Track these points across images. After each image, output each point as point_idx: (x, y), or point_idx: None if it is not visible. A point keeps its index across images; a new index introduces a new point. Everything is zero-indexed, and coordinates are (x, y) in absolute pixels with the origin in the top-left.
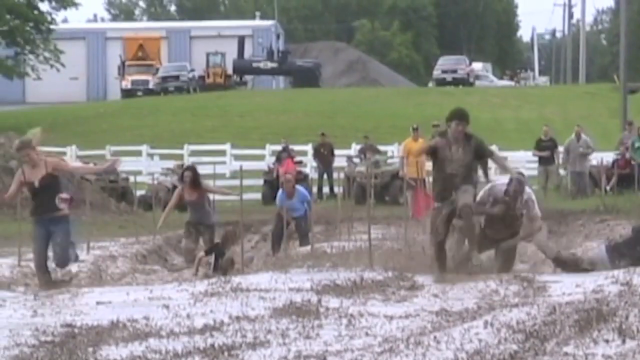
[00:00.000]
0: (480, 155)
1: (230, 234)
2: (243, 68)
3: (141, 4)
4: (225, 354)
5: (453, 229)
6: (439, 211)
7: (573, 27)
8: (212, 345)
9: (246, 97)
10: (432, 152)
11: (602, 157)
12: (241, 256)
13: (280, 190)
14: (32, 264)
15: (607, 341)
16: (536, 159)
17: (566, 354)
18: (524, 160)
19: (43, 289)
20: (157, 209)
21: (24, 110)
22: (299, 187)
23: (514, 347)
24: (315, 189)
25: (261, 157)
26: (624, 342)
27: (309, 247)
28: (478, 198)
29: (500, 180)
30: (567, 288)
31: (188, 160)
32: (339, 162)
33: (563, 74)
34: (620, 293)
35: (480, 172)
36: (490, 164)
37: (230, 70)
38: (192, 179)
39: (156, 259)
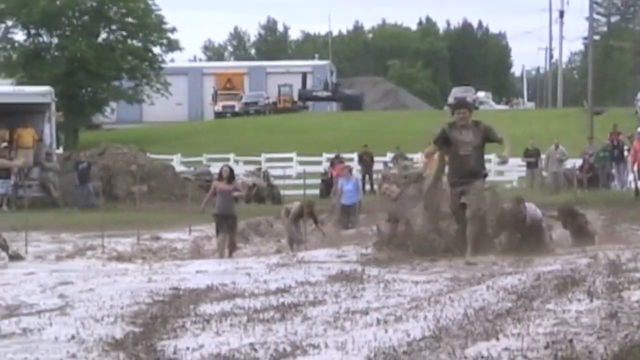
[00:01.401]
0: (490, 138)
1: (310, 204)
2: (305, 96)
3: (229, 47)
4: (293, 310)
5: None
6: (455, 200)
7: (553, 65)
8: (283, 303)
9: (307, 118)
10: (444, 140)
11: (575, 162)
12: (304, 235)
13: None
14: (148, 242)
15: (579, 300)
16: (525, 163)
17: (548, 309)
18: (516, 165)
19: None
20: (240, 201)
21: (141, 127)
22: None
23: (509, 304)
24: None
25: (319, 163)
26: (591, 301)
27: (354, 230)
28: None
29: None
30: (548, 260)
31: (264, 166)
32: (377, 166)
33: (545, 100)
34: (588, 264)
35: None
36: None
37: (295, 98)
38: (229, 174)
39: (240, 238)
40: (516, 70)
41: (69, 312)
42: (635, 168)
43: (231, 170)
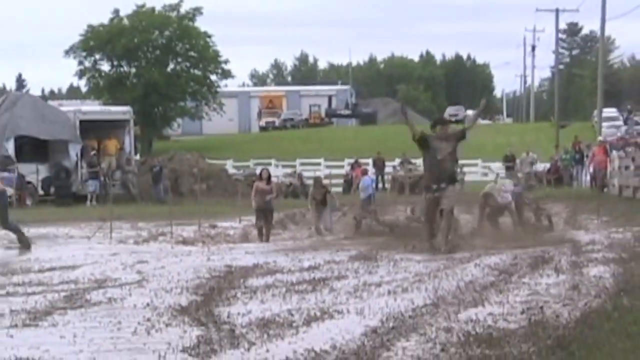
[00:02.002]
0: (460, 137)
1: (317, 178)
2: (331, 114)
3: (270, 75)
4: (322, 283)
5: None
6: (430, 202)
7: (527, 88)
8: (314, 278)
9: (333, 131)
10: (424, 142)
11: (544, 166)
12: (330, 224)
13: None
14: (207, 230)
15: (548, 275)
16: (504, 167)
17: (524, 283)
18: (497, 167)
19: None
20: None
21: (201, 138)
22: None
23: (492, 278)
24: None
25: (341, 167)
26: (558, 276)
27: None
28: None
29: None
30: (523, 243)
31: (298, 169)
32: (388, 169)
33: (521, 117)
34: (555, 246)
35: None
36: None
37: (323, 115)
38: (268, 175)
39: (280, 226)
40: (497, 92)
41: (144, 285)
42: (592, 170)
43: (269, 172)
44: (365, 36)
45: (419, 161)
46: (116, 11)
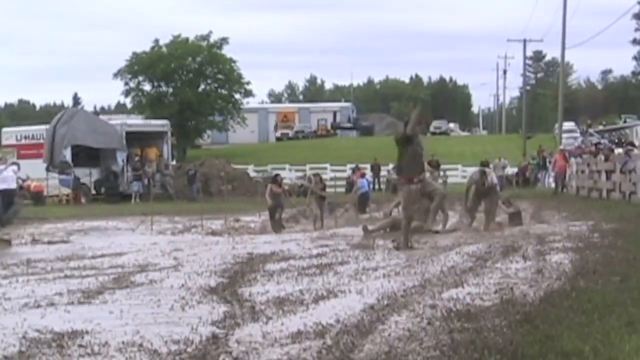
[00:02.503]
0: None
1: (316, 174)
2: (336, 127)
3: (285, 94)
4: (327, 267)
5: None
6: (412, 193)
7: (499, 105)
8: (321, 263)
9: (337, 142)
10: (411, 138)
11: (514, 170)
12: (336, 220)
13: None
14: (232, 223)
15: (517, 262)
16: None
17: (497, 267)
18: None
19: None
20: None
21: (227, 147)
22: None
23: (470, 264)
24: (371, 186)
25: (344, 171)
26: (525, 262)
27: (367, 215)
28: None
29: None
30: (496, 235)
31: (308, 172)
32: (383, 173)
33: (494, 129)
34: (523, 237)
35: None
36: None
37: (329, 128)
38: (280, 180)
39: (293, 221)
40: (475, 109)
41: (180, 269)
42: (554, 174)
43: (280, 178)
44: (364, 62)
45: None
46: (156, 41)
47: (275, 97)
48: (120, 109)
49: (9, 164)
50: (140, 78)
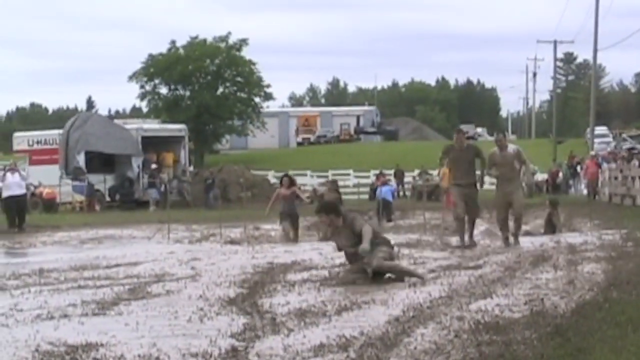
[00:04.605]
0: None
1: (333, 180)
2: (359, 131)
3: (307, 97)
4: None
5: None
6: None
7: (529, 109)
8: None
9: (360, 146)
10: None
11: (544, 176)
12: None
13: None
14: (252, 232)
15: (547, 272)
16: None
17: (526, 278)
18: None
19: None
20: (315, 202)
21: (246, 152)
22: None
23: (499, 274)
24: (396, 192)
25: (368, 177)
26: (556, 272)
27: (392, 223)
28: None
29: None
30: (525, 244)
31: (330, 178)
32: (407, 179)
33: (523, 133)
34: (554, 247)
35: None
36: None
37: (352, 132)
38: (289, 182)
39: (315, 228)
40: (503, 112)
41: (197, 279)
42: (586, 181)
43: (290, 178)
44: (388, 64)
45: (435, 172)
46: (173, 42)
47: (296, 101)
48: (135, 113)
49: (8, 168)
50: (157, 81)
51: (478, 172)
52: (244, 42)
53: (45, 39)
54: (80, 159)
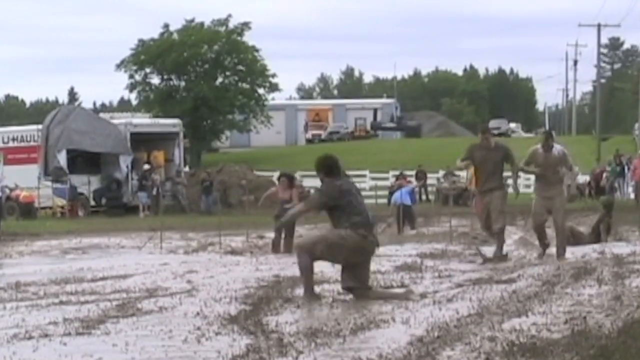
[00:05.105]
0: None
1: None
2: (376, 127)
3: (317, 89)
4: None
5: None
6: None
7: (568, 102)
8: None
9: (378, 144)
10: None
11: (585, 178)
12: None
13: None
14: (255, 240)
15: (590, 286)
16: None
17: (566, 293)
18: None
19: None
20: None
21: (249, 151)
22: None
23: (536, 289)
24: (417, 196)
25: (386, 178)
26: (600, 286)
27: (414, 231)
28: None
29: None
30: (566, 255)
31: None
32: (431, 181)
33: (562, 129)
34: (597, 258)
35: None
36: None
37: (368, 128)
38: (287, 182)
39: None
40: (540, 106)
41: (194, 294)
42: (634, 182)
43: (289, 179)
44: (410, 51)
45: (463, 173)
46: (166, 26)
47: (305, 93)
48: (124, 106)
49: None
50: (148, 70)
51: (507, 174)
52: (246, 26)
53: (22, 24)
54: (62, 158)
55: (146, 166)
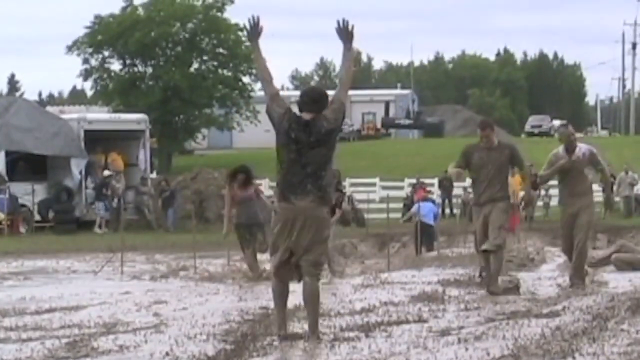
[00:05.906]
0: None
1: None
2: (388, 124)
3: (315, 77)
4: (377, 329)
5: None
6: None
7: (626, 94)
8: (367, 323)
9: (390, 145)
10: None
11: None
12: (387, 258)
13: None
14: (238, 263)
15: None
16: (600, 187)
17: (622, 330)
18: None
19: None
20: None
21: (231, 153)
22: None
23: (585, 324)
24: (439, 210)
25: (401, 188)
26: None
27: (435, 252)
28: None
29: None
30: (621, 282)
31: (348, 190)
32: (457, 191)
33: (618, 128)
34: None
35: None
36: None
37: (379, 125)
38: (244, 178)
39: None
40: (590, 99)
41: (163, 330)
42: None
43: (246, 174)
44: (430, 30)
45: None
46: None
47: (301, 81)
48: (76, 97)
49: None
50: (106, 53)
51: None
52: None
53: None
54: None
55: (106, 172)
